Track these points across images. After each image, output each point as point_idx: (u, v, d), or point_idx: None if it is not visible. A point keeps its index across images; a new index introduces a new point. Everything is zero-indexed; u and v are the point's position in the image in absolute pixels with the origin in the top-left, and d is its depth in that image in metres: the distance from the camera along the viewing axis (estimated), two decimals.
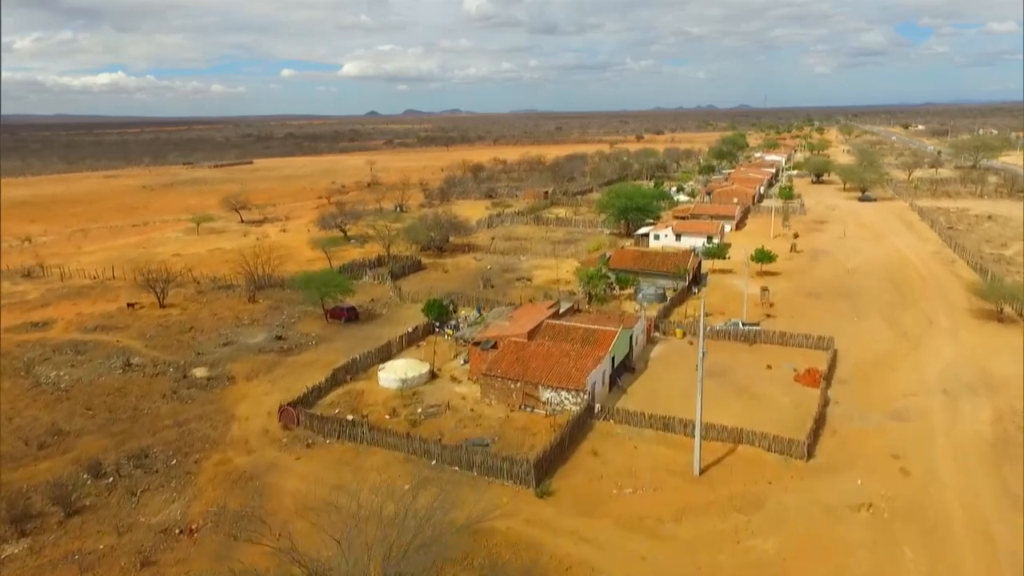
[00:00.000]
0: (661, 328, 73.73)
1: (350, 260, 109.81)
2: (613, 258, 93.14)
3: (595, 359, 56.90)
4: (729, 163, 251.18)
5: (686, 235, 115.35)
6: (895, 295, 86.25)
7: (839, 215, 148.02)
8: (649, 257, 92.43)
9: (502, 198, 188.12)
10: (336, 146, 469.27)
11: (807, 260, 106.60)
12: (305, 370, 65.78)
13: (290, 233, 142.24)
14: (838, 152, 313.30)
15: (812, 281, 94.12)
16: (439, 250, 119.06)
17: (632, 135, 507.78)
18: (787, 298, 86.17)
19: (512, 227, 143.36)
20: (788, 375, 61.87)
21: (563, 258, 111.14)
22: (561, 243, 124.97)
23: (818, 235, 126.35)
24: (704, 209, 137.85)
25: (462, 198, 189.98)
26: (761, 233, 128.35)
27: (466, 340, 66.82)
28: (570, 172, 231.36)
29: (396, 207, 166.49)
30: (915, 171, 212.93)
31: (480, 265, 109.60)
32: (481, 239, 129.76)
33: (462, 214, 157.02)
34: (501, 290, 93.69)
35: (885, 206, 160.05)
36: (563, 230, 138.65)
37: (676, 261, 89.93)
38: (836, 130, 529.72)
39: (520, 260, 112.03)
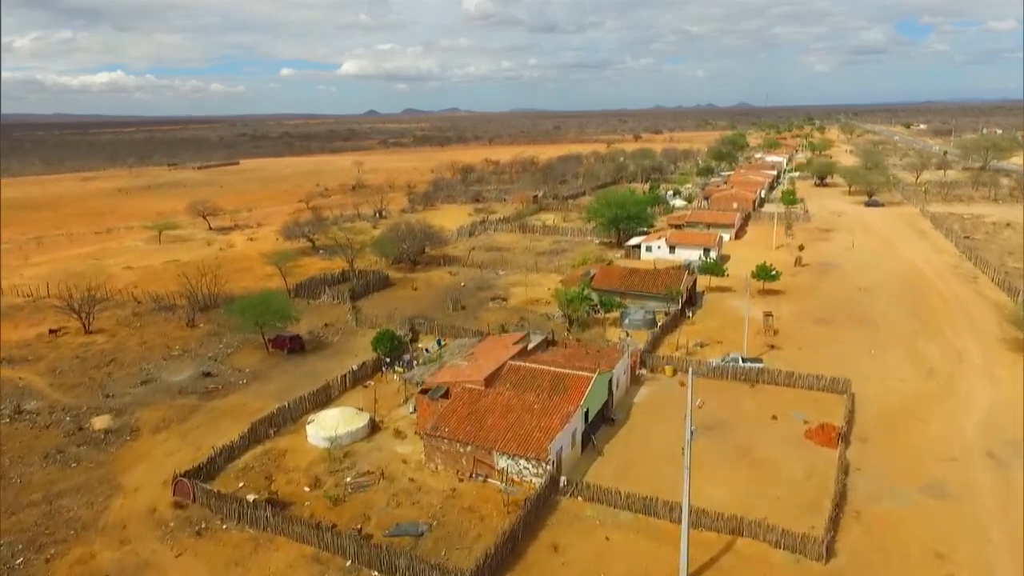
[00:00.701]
0: (648, 364, 63.06)
1: (311, 275, 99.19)
2: (598, 277, 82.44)
3: (563, 416, 46.26)
4: (728, 164, 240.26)
5: (681, 247, 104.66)
6: (916, 320, 75.49)
7: (846, 222, 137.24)
8: (638, 276, 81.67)
9: (489, 202, 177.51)
10: (329, 146, 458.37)
11: (814, 276, 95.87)
12: (225, 419, 55.19)
13: (257, 242, 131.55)
14: (840, 152, 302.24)
15: (820, 302, 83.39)
16: (412, 263, 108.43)
17: (630, 134, 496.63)
18: (793, 324, 75.45)
19: (495, 235, 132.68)
20: (797, 429, 51.22)
21: (546, 272, 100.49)
22: (546, 255, 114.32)
23: (824, 245, 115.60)
24: (701, 216, 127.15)
25: (448, 202, 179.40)
26: (762, 242, 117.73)
27: (417, 382, 56.18)
28: (563, 174, 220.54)
29: (375, 213, 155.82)
30: (922, 173, 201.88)
31: (455, 281, 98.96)
32: (460, 250, 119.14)
33: (443, 221, 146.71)
34: (472, 312, 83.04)
35: (894, 212, 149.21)
36: (550, 239, 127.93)
37: (668, 281, 79.20)
38: (837, 129, 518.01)
39: (498, 275, 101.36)
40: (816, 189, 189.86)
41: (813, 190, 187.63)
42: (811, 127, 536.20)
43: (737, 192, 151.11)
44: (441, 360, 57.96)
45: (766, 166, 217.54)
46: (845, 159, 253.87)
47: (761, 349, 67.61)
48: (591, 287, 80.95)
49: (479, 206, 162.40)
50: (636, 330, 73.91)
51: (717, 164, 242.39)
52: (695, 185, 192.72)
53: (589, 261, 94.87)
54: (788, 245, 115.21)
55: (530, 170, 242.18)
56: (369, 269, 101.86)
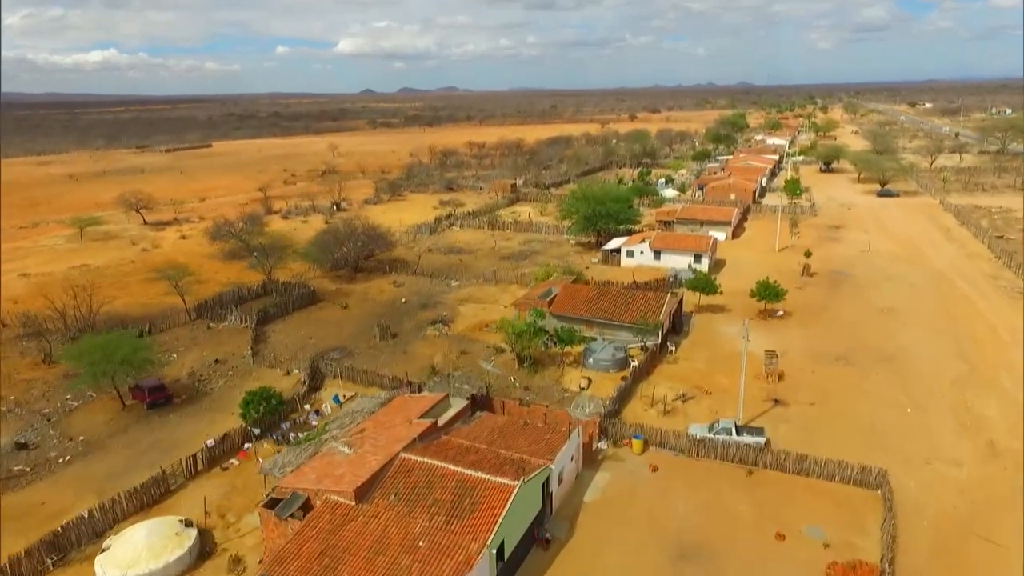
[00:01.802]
0: (610, 434, 46.62)
1: (230, 288, 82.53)
2: (559, 299, 65.59)
3: (458, 564, 29.88)
4: (727, 148, 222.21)
5: (668, 252, 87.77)
6: (960, 362, 58.78)
7: (857, 217, 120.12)
8: (608, 299, 64.75)
9: (463, 191, 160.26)
10: (315, 126, 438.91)
11: (825, 290, 79.10)
12: (7, 529, 38.88)
13: (191, 240, 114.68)
14: (846, 134, 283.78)
15: (835, 329, 66.67)
16: (355, 270, 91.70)
17: (627, 114, 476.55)
18: (802, 364, 58.82)
19: (459, 233, 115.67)
20: (815, 557, 34.90)
21: (505, 285, 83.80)
22: (512, 259, 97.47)
23: (835, 247, 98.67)
24: (693, 212, 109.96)
25: (419, 190, 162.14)
26: (763, 243, 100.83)
27: (279, 475, 39.67)
28: (548, 159, 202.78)
29: (333, 205, 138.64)
30: (937, 158, 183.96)
31: (397, 294, 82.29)
32: (415, 252, 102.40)
33: (406, 215, 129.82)
34: (404, 342, 66.45)
35: (910, 204, 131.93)
36: (520, 238, 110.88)
37: (645, 307, 62.37)
38: (841, 109, 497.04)
39: (450, 286, 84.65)
40: (822, 176, 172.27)
41: (818, 177, 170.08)
42: (814, 107, 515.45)
43: (735, 182, 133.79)
44: (321, 439, 41.59)
45: (767, 150, 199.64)
46: (852, 141, 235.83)
47: (762, 406, 51.13)
48: (550, 312, 64.30)
49: (447, 198, 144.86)
50: (603, 372, 57.50)
51: (714, 147, 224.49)
52: (690, 172, 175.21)
53: (554, 274, 78.00)
54: (793, 247, 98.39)
55: (515, 154, 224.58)
56: (296, 281, 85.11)
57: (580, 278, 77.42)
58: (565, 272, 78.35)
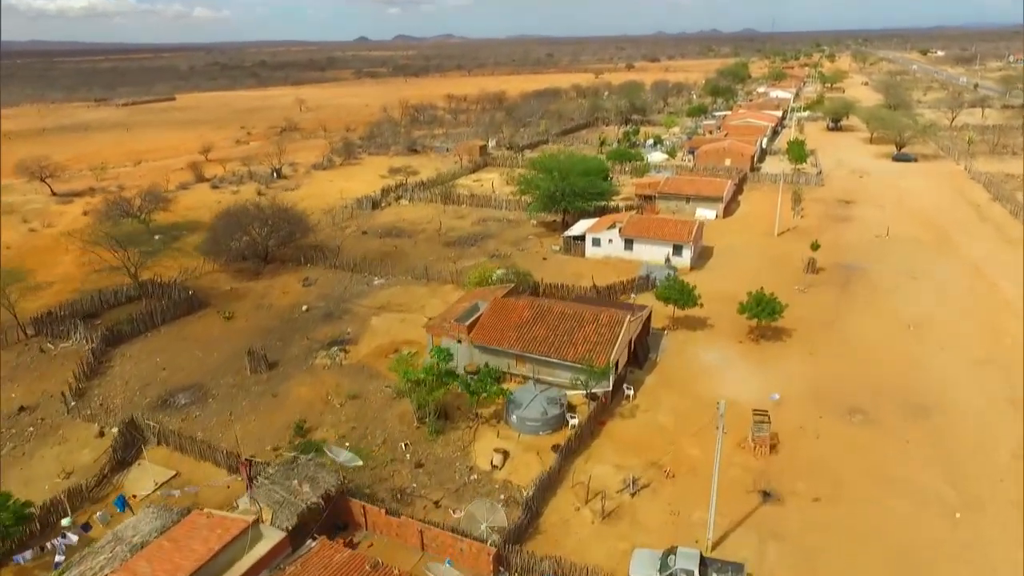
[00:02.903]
0: (516, 566, 30.93)
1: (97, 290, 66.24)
2: (483, 322, 49.16)
3: None
4: (726, 102, 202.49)
5: (642, 241, 71.04)
6: (1020, 414, 42.81)
7: (871, 187, 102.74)
8: (547, 324, 48.21)
9: (427, 153, 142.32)
10: (296, 76, 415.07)
11: (833, 295, 62.67)
12: None
13: (94, 216, 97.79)
14: (855, 85, 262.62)
15: (847, 360, 50.46)
16: (263, 260, 75.28)
17: (625, 63, 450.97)
18: (803, 419, 42.84)
19: (405, 209, 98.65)
20: None
21: (438, 285, 67.45)
22: (458, 244, 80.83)
23: (845, 230, 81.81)
24: (678, 185, 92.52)
25: (379, 152, 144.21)
26: (760, 222, 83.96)
27: None
28: (529, 114, 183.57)
29: (272, 171, 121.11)
30: (958, 113, 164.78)
31: (303, 296, 66.05)
32: (348, 234, 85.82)
33: (351, 184, 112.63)
34: (282, 377, 50.47)
35: (931, 170, 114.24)
36: (476, 215, 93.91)
37: (595, 338, 45.99)
38: (849, 57, 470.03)
39: (371, 285, 68.32)
40: (829, 135, 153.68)
41: (826, 136, 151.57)
42: (820, 55, 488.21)
43: (731, 145, 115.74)
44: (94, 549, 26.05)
45: (769, 104, 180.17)
46: (862, 94, 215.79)
47: (744, 502, 35.41)
48: (470, 342, 48.12)
49: (400, 164, 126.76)
50: (531, 434, 41.73)
51: (712, 101, 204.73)
52: (683, 130, 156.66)
53: (495, 273, 61.19)
54: (795, 229, 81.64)
55: (496, 109, 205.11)
56: (177, 281, 68.70)
57: (525, 280, 60.90)
58: (507, 273, 61.67)
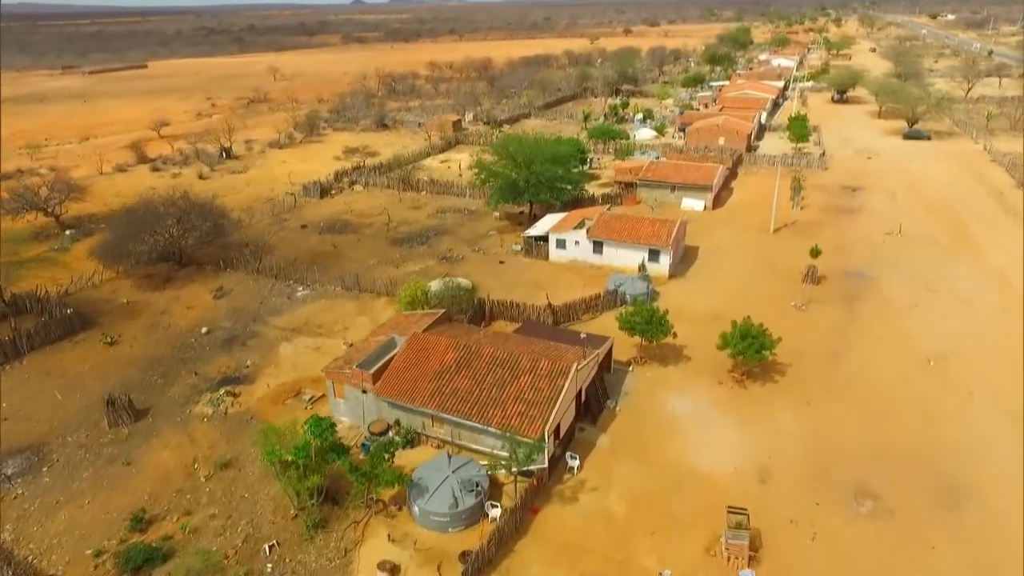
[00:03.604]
0: None
1: None
2: (395, 369, 38.69)
3: None
4: (724, 70, 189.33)
5: (612, 244, 60.33)
6: None
7: (880, 170, 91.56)
8: (472, 372, 37.76)
9: (398, 128, 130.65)
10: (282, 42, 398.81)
11: (836, 315, 52.18)
12: None
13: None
14: (862, 52, 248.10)
15: (853, 413, 40.16)
16: (178, 263, 64.84)
17: (623, 27, 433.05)
18: (796, 506, 32.66)
19: (359, 196, 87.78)
20: None
21: (371, 299, 57.02)
22: (407, 242, 70.17)
23: (850, 225, 70.99)
24: (663, 171, 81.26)
25: (346, 127, 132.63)
26: (754, 216, 73.05)
27: None
28: (513, 84, 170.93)
29: (220, 150, 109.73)
30: (974, 84, 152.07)
31: (207, 313, 55.72)
32: (288, 228, 75.23)
33: (308, 164, 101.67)
34: (146, 432, 40.36)
35: (947, 150, 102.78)
36: (435, 205, 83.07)
37: (531, 395, 35.65)
38: (856, 21, 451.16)
39: (293, 296, 57.94)
40: (834, 108, 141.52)
41: (831, 109, 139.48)
42: (826, 19, 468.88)
43: (726, 121, 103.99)
44: None
45: (771, 74, 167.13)
46: (869, 62, 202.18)
47: None
48: (376, 395, 37.93)
49: (357, 143, 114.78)
50: (439, 531, 31.75)
51: (710, 70, 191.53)
52: (676, 103, 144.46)
53: (426, 294, 50.53)
54: (794, 224, 70.87)
55: (480, 78, 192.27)
56: (57, 294, 58.29)
57: (467, 298, 50.43)
58: (447, 288, 51.02)
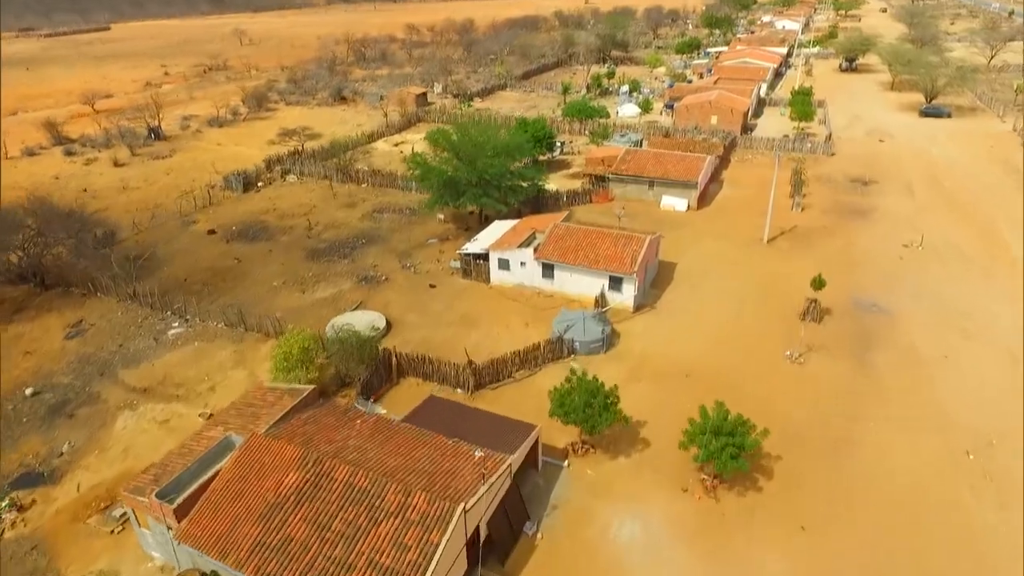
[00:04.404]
0: None
1: None
2: (205, 506, 26.82)
3: None
4: (724, 34, 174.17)
5: (565, 269, 48.14)
6: None
7: (895, 156, 78.88)
8: (317, 508, 25.94)
9: (357, 101, 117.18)
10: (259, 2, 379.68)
11: (842, 373, 40.21)
12: None
13: None
14: (873, 13, 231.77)
15: (866, 542, 28.71)
16: (41, 285, 52.96)
17: None
18: None
19: (290, 188, 75.24)
20: None
21: (257, 343, 45.13)
22: (327, 254, 57.96)
23: (861, 233, 58.64)
24: (640, 163, 68.48)
25: (301, 100, 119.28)
26: (744, 220, 60.59)
27: None
28: (492, 51, 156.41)
29: (149, 130, 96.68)
30: (998, 50, 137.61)
31: (50, 360, 43.94)
32: (183, 236, 63.02)
33: (244, 148, 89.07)
34: None
35: (970, 131, 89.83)
36: (373, 200, 70.56)
37: (388, 562, 24.05)
38: None
39: (163, 336, 46.04)
40: (842, 78, 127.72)
41: (838, 80, 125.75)
42: None
43: (719, 98, 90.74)
44: None
45: (773, 39, 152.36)
46: (881, 25, 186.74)
47: None
48: (177, 541, 26.28)
49: (294, 125, 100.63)
50: None
51: (709, 34, 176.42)
52: (668, 72, 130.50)
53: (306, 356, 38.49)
54: (794, 232, 58.64)
55: (459, 42, 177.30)
56: None
57: (365, 355, 38.54)
58: (340, 341, 39.07)
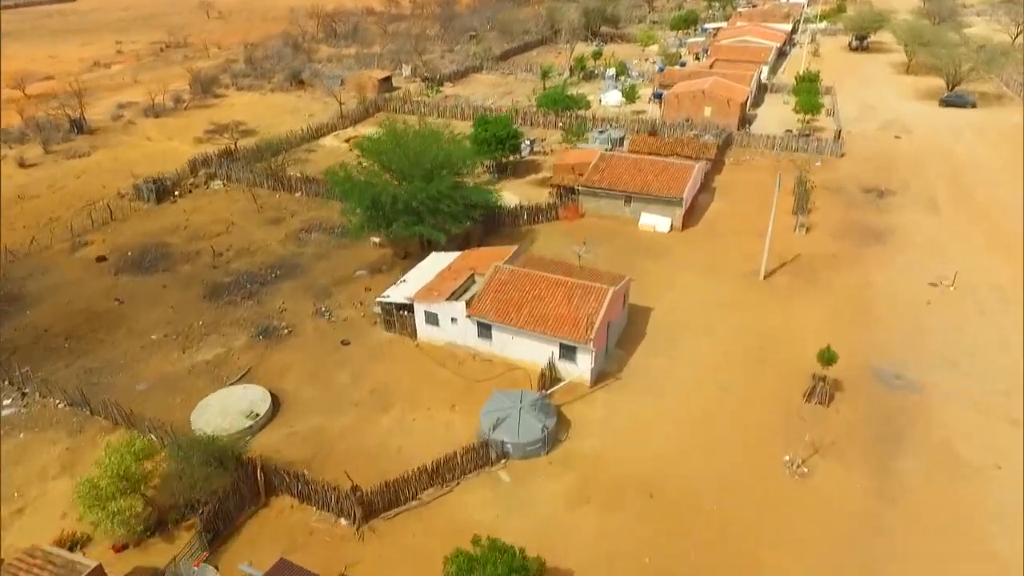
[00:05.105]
0: None
1: None
2: None
3: None
4: (723, 7, 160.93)
5: (505, 332, 37.67)
6: None
7: (914, 158, 67.86)
8: None
9: (312, 86, 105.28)
10: None
11: (861, 488, 29.86)
12: None
13: None
14: None
15: None
16: None
17: None
18: None
19: (212, 199, 64.44)
20: None
21: (105, 428, 34.89)
22: (229, 293, 47.44)
23: (877, 266, 47.96)
24: (613, 173, 57.30)
25: (254, 85, 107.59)
26: (738, 242, 49.80)
27: None
28: (473, 26, 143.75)
29: (71, 124, 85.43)
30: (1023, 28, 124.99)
31: None
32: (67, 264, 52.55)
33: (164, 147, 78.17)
34: None
35: (1000, 124, 78.58)
36: (303, 216, 59.68)
37: None
38: None
39: None
40: (852, 59, 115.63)
41: (848, 61, 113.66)
42: None
43: (715, 86, 79.12)
44: None
45: (777, 14, 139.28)
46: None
47: None
48: None
49: (210, 128, 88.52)
50: None
51: (708, 6, 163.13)
52: (661, 51, 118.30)
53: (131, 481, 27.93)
54: (797, 262, 47.92)
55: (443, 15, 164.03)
56: None
57: (214, 476, 28.33)
58: (180, 463, 28.76)
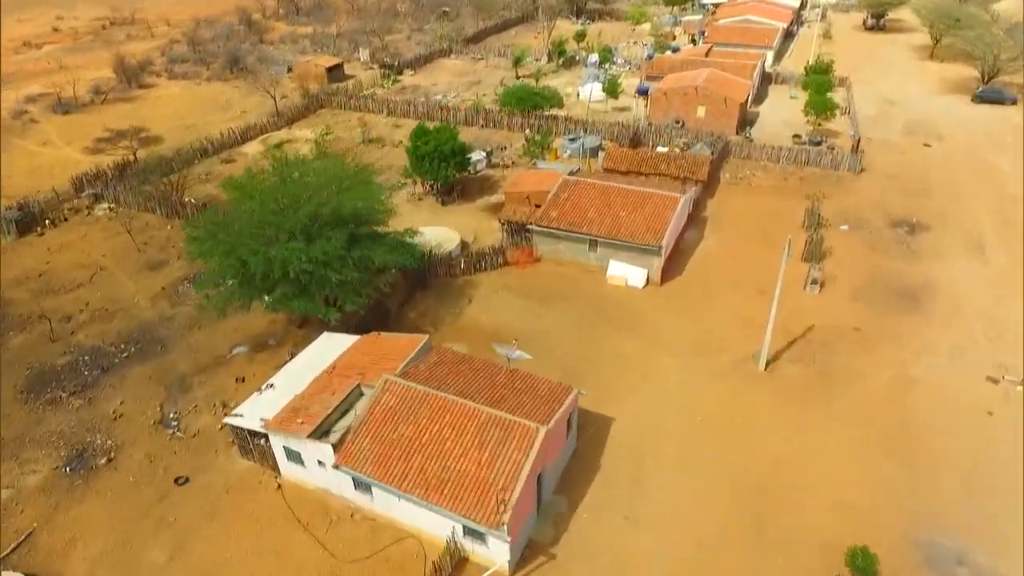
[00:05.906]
0: None
1: None
2: None
3: None
4: None
5: (389, 493, 25.86)
6: None
7: (948, 175, 55.65)
8: None
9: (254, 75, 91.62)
10: None
11: None
12: None
13: None
14: None
15: None
16: None
17: None
18: None
19: (96, 227, 52.15)
20: None
21: None
22: (54, 388, 35.53)
23: (911, 350, 36.03)
24: (577, 210, 45.06)
25: (190, 74, 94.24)
26: (731, 302, 37.43)
27: None
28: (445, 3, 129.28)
29: None
30: None
31: None
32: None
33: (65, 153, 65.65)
34: None
35: None
36: (185, 261, 47.51)
37: None
38: None
39: None
40: (868, 40, 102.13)
41: (863, 43, 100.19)
42: None
43: (710, 80, 66.07)
44: None
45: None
46: None
47: None
48: None
49: (124, 128, 74.37)
50: None
51: None
52: (654, 30, 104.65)
53: None
54: (807, 341, 35.93)
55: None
56: None
57: None
58: None
